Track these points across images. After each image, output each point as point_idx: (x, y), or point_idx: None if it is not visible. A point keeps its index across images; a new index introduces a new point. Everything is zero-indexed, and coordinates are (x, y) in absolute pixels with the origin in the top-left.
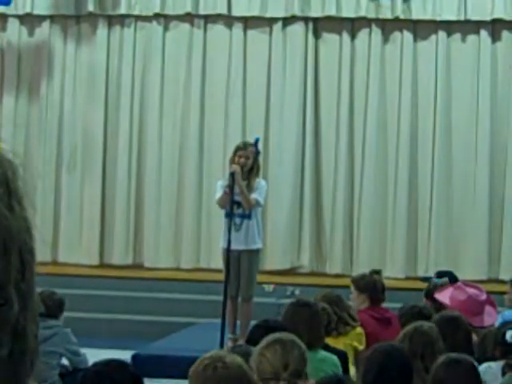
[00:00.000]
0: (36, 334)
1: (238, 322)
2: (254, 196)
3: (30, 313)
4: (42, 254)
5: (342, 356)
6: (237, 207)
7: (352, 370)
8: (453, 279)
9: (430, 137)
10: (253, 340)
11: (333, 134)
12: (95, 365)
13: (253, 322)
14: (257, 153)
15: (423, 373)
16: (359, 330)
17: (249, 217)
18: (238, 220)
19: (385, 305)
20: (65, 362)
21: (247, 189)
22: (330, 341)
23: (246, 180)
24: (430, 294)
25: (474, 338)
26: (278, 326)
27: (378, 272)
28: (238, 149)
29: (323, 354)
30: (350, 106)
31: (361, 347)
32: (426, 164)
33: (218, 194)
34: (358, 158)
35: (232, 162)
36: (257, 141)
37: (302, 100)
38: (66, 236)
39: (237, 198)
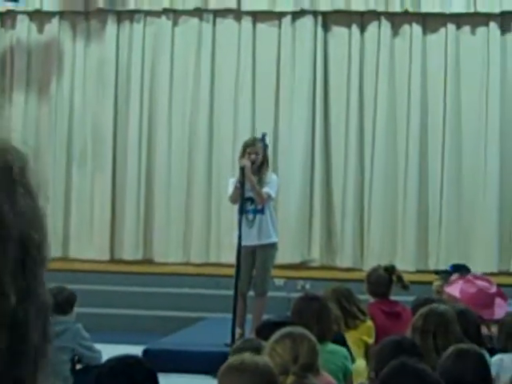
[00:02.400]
0: (44, 331)
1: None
2: (265, 190)
3: (34, 307)
4: (52, 249)
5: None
6: (250, 203)
7: (362, 363)
8: (466, 273)
9: (439, 129)
10: (261, 336)
11: (342, 128)
12: (110, 361)
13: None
14: (265, 146)
15: (433, 353)
16: (369, 323)
17: (262, 212)
18: (250, 216)
19: (394, 298)
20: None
21: (259, 184)
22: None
23: (257, 175)
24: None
25: (485, 330)
26: (286, 322)
27: (387, 268)
28: (246, 145)
29: (333, 346)
30: (360, 99)
31: (370, 341)
32: (436, 157)
33: (230, 190)
34: (368, 151)
35: (241, 158)
36: (264, 136)
37: (311, 93)
38: (77, 232)
39: (248, 193)
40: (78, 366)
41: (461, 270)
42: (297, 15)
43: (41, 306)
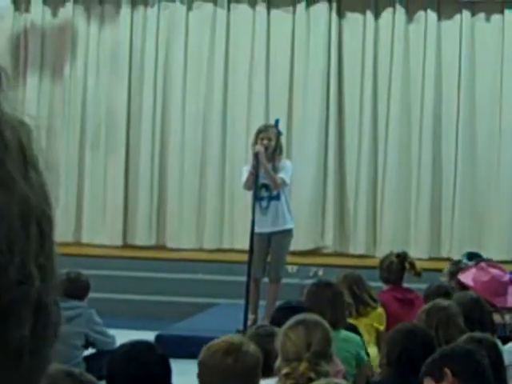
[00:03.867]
0: (58, 304)
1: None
2: (280, 175)
3: (51, 283)
4: (65, 234)
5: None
6: (265, 190)
7: (373, 350)
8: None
9: (453, 117)
10: (276, 321)
11: (356, 114)
12: (122, 346)
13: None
14: (278, 133)
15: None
16: (380, 310)
17: (277, 198)
18: (264, 203)
19: (407, 285)
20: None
21: (273, 170)
22: (350, 321)
23: (271, 162)
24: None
25: (498, 318)
26: (301, 307)
27: (399, 255)
28: (259, 131)
29: (346, 333)
30: (374, 86)
31: (381, 328)
32: (450, 144)
33: (244, 177)
34: (382, 138)
35: (254, 145)
36: (277, 122)
37: (325, 79)
38: (90, 217)
39: (263, 180)
40: (91, 351)
41: (475, 259)
42: (311, 1)
43: (56, 280)
